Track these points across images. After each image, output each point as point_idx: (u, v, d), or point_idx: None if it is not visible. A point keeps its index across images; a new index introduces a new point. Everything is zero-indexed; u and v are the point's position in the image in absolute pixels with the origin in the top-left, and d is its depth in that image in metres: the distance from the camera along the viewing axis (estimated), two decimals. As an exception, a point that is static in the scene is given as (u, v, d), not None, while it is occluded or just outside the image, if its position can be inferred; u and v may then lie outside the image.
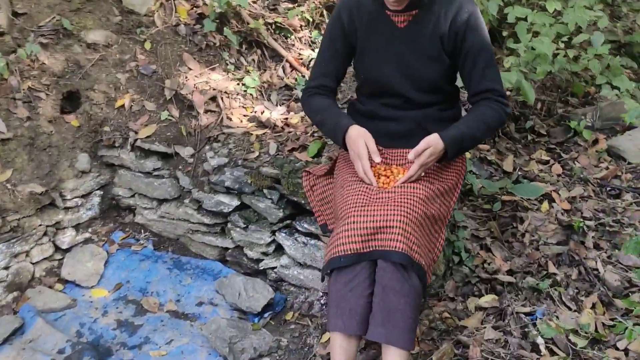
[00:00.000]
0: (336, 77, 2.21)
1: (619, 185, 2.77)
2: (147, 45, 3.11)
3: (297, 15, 3.29)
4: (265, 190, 2.59)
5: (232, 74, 3.15)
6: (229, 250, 2.80)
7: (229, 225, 2.74)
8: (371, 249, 1.77)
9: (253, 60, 3.27)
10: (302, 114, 2.94)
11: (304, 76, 3.21)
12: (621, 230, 2.48)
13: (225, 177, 2.65)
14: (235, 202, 2.68)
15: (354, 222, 1.78)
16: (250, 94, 3.08)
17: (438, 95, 2.12)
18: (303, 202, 2.49)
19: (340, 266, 1.78)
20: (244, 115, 2.98)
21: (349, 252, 1.76)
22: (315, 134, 2.75)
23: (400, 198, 1.82)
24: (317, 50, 3.37)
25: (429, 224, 1.87)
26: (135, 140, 2.86)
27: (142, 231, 2.97)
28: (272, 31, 3.34)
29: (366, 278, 1.77)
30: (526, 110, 3.37)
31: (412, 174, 1.92)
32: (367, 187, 1.93)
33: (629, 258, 2.34)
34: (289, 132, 2.81)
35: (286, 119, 2.92)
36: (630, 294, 2.19)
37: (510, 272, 2.34)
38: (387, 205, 1.79)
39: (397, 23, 2.05)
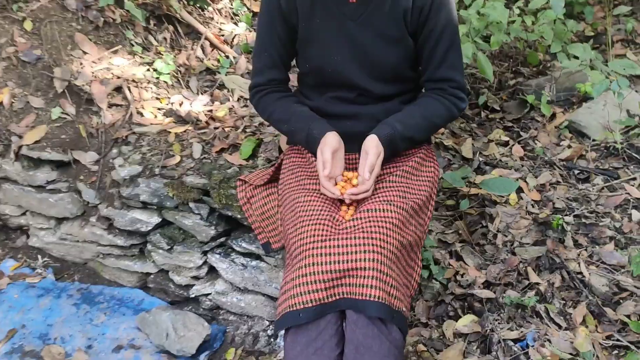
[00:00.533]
0: (284, 66, 1.78)
1: (586, 167, 2.51)
2: (28, 25, 2.51)
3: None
4: (191, 204, 2.13)
5: (140, 56, 2.61)
6: (151, 276, 2.33)
7: (149, 246, 2.26)
8: (338, 297, 1.37)
9: (164, 39, 2.73)
10: (230, 104, 2.46)
11: (227, 56, 2.72)
12: (598, 221, 2.22)
13: (140, 190, 2.16)
14: (156, 219, 2.21)
15: (313, 264, 1.37)
16: (165, 82, 2.56)
17: (400, 85, 1.72)
18: (239, 216, 2.05)
19: (299, 323, 1.37)
20: (158, 109, 2.47)
21: (310, 304, 1.36)
22: (248, 130, 2.30)
23: (371, 227, 1.42)
24: (240, 23, 2.89)
25: (405, 254, 1.50)
26: (20, 147, 2.29)
27: (40, 257, 2.44)
28: (185, 2, 2.80)
29: (333, 335, 1.38)
30: (477, 85, 3.04)
31: (368, 189, 1.53)
32: (325, 209, 1.52)
33: (612, 255, 2.08)
34: (215, 128, 2.34)
35: (210, 111, 2.44)
36: (620, 300, 1.93)
37: (487, 284, 2.03)
38: (355, 238, 1.39)
39: None
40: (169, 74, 2.56)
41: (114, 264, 2.34)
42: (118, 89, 2.46)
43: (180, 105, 2.47)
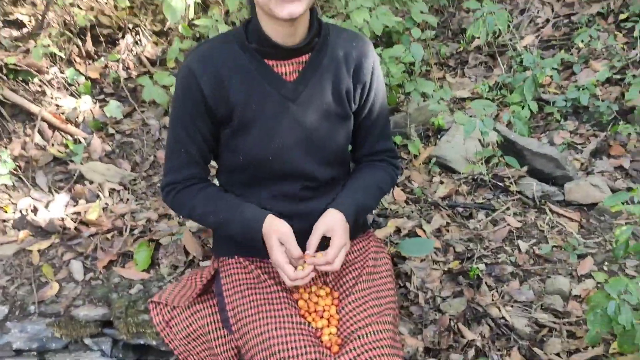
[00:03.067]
0: (204, 161, 1.54)
1: (465, 202, 2.64)
2: None
3: (41, 51, 2.27)
4: (87, 340, 1.74)
5: (-40, 156, 2.06)
6: None
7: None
8: None
9: (-14, 127, 2.19)
10: (102, 201, 2.07)
11: (77, 140, 2.28)
12: (496, 259, 2.35)
13: (11, 337, 1.70)
14: (40, 367, 1.76)
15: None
16: (4, 184, 2.05)
17: (340, 168, 1.61)
18: (155, 342, 1.73)
19: None
20: (4, 222, 1.97)
21: None
22: (135, 232, 1.95)
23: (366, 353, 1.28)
24: (83, 96, 2.46)
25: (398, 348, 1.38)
26: None
27: None
28: (4, 78, 2.28)
29: None
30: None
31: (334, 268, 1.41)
32: (308, 343, 1.33)
33: (520, 292, 2.21)
34: (91, 235, 1.95)
35: (77, 214, 2.02)
36: (544, 339, 2.04)
37: (428, 351, 2.00)
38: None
39: (284, 75, 1.43)
40: (8, 173, 2.06)
41: None
42: (-59, 204, 1.92)
43: (34, 211, 2.00)
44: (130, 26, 2.72)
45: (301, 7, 1.28)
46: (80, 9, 2.40)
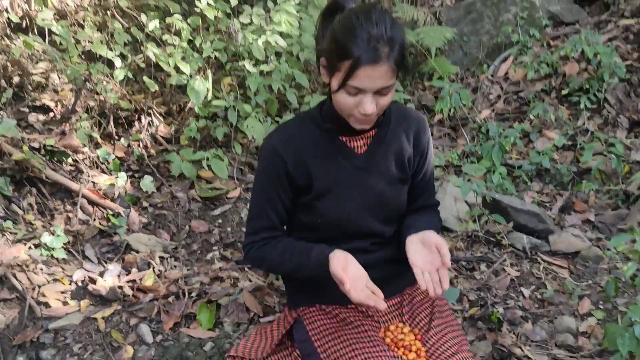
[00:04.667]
0: (282, 225, 1.73)
1: (465, 257, 2.91)
2: None
3: (84, 132, 2.41)
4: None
5: (11, 233, 2.11)
6: None
7: None
8: None
9: (30, 205, 2.26)
10: (154, 269, 2.17)
11: (117, 213, 2.39)
12: (506, 304, 2.59)
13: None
14: None
15: None
16: (56, 258, 2.12)
17: (398, 223, 1.81)
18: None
19: None
20: (62, 293, 2.03)
21: None
22: (193, 294, 2.06)
23: None
24: (120, 173, 2.58)
25: None
26: None
27: None
28: (43, 158, 2.38)
29: None
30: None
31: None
32: None
33: (534, 332, 2.45)
34: (151, 300, 2.03)
35: (132, 281, 2.11)
36: (565, 372, 2.28)
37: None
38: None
39: (355, 149, 1.67)
40: (62, 247, 2.13)
41: None
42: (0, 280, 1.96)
43: (93, 281, 2.07)
44: (145, 108, 2.90)
45: (370, 125, 1.55)
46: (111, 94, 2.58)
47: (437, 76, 4.35)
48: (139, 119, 2.88)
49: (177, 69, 2.73)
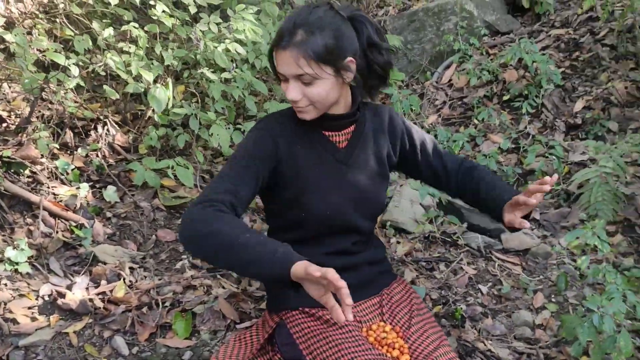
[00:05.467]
0: (243, 201, 1.53)
1: (424, 257, 3.01)
2: None
3: (45, 142, 2.32)
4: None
5: (-31, 248, 2.03)
6: None
7: None
8: None
9: (-13, 218, 2.17)
10: (124, 280, 2.13)
11: (78, 224, 2.32)
12: (466, 302, 2.71)
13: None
14: None
15: None
16: (21, 273, 2.04)
17: (375, 222, 1.88)
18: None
19: None
20: (30, 309, 1.96)
21: None
22: (167, 304, 2.04)
23: None
24: (81, 184, 2.52)
25: None
26: None
27: None
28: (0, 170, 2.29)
29: None
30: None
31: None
32: None
33: (494, 327, 2.57)
34: (124, 312, 2.00)
35: (103, 293, 2.06)
36: (526, 362, 2.41)
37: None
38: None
39: (338, 143, 1.72)
40: (26, 261, 2.05)
41: None
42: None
43: (61, 295, 2.01)
44: (102, 117, 2.84)
45: (309, 116, 1.61)
46: (69, 104, 2.50)
47: (386, 83, 4.46)
48: (95, 129, 2.82)
49: (135, 77, 2.69)
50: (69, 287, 2.07)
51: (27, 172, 2.39)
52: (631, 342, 2.08)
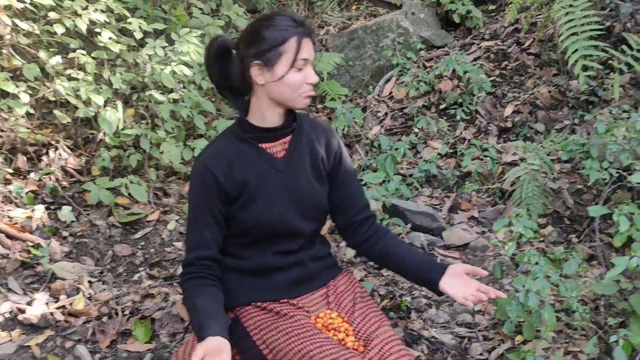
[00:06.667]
0: (217, 243, 1.86)
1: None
2: None
3: (-4, 168, 2.41)
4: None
5: None
6: None
7: None
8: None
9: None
10: (83, 293, 2.23)
11: (35, 244, 2.41)
12: (410, 295, 2.89)
13: None
14: None
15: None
16: (-19, 292, 2.12)
17: (322, 222, 2.05)
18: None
19: None
20: (-8, 324, 2.04)
21: None
22: (126, 312, 2.15)
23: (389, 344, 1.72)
24: (37, 206, 2.60)
25: None
26: None
27: None
28: (-47, 196, 2.36)
29: None
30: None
31: None
32: (335, 343, 1.73)
33: (438, 316, 2.76)
34: (84, 322, 2.09)
35: (63, 307, 2.15)
36: (467, 346, 2.60)
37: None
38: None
39: (275, 154, 1.89)
40: (-14, 281, 2.13)
41: None
42: None
43: (22, 312, 2.09)
44: (53, 142, 2.93)
45: (309, 101, 1.83)
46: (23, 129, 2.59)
47: (329, 98, 4.67)
48: (47, 153, 2.90)
49: (85, 102, 2.80)
50: (29, 303, 2.15)
51: (-19, 197, 2.46)
52: (555, 316, 2.31)
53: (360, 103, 5.08)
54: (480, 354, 2.53)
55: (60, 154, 2.94)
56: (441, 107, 4.55)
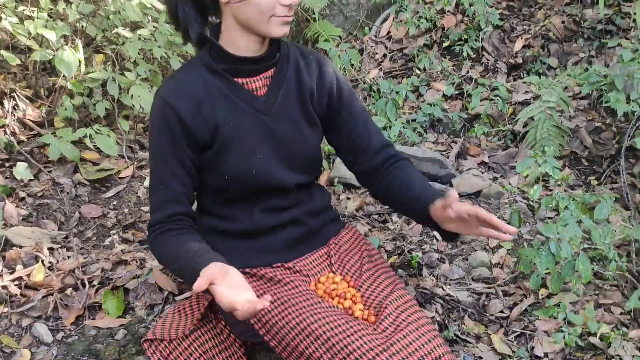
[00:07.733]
0: (188, 199, 1.53)
1: (376, 210, 2.89)
2: None
3: None
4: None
5: None
6: None
7: None
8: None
9: None
10: (43, 262, 1.90)
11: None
12: (422, 249, 2.60)
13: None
14: None
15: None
16: None
17: (316, 172, 1.71)
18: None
19: None
20: None
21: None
22: (96, 282, 1.84)
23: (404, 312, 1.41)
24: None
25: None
26: None
27: None
28: None
29: None
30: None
31: None
32: (340, 312, 1.43)
33: (452, 272, 2.47)
34: (44, 296, 1.78)
35: (19, 279, 1.83)
36: (485, 303, 2.32)
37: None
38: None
39: (254, 91, 1.53)
40: None
41: None
42: None
43: (-30, 286, 1.78)
44: (7, 91, 2.56)
45: (288, 28, 1.45)
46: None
47: (322, 39, 4.29)
48: (1, 104, 2.54)
49: (40, 42, 2.42)
50: (-21, 276, 1.84)
51: None
52: (590, 267, 2.01)
53: (356, 46, 4.69)
54: (501, 311, 2.27)
55: (16, 104, 2.58)
56: (444, 45, 4.19)
